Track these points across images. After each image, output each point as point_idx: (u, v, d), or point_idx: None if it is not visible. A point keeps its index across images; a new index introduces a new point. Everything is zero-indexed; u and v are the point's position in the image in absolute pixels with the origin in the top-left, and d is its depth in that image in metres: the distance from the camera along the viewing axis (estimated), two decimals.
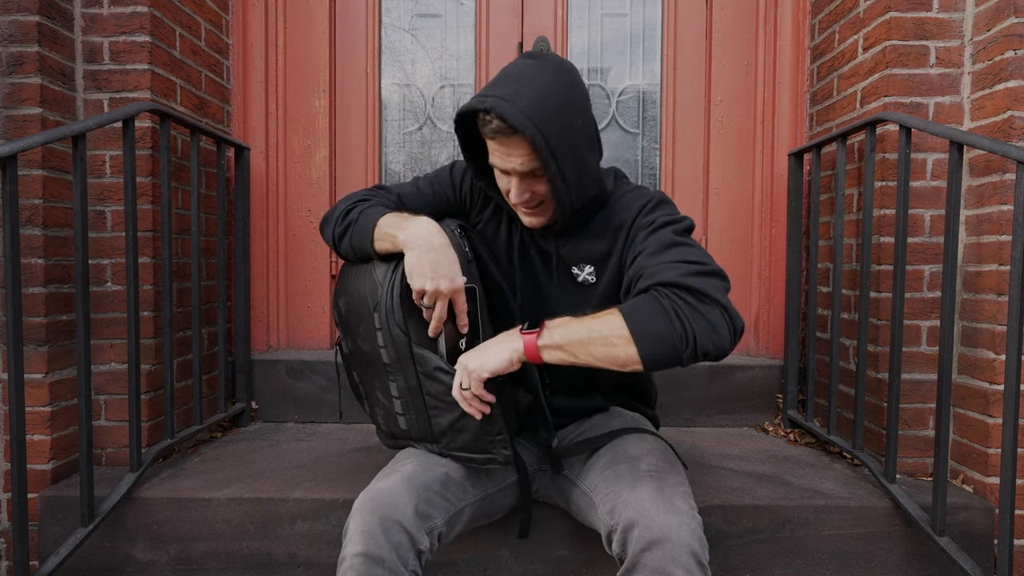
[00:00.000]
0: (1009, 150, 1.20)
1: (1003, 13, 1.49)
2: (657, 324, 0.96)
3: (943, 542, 1.33)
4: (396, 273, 1.11)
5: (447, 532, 1.13)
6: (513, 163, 1.06)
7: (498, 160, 1.09)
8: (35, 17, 1.49)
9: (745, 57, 2.13)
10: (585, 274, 1.21)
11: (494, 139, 1.06)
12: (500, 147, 1.06)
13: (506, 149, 1.05)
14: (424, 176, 1.34)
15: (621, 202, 1.20)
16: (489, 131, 1.05)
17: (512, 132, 1.02)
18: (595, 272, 1.20)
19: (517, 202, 1.12)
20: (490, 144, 1.09)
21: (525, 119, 1.00)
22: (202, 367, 1.77)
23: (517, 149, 1.05)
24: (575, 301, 1.21)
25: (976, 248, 1.55)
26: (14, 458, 1.19)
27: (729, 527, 1.41)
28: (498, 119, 1.01)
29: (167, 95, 1.72)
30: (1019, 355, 1.18)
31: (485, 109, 1.02)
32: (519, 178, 1.09)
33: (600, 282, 1.20)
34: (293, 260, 2.15)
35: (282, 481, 1.50)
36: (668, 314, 0.96)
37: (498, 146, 1.06)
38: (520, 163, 1.06)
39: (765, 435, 1.94)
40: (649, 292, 1.00)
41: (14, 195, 1.18)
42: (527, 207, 1.14)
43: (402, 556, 1.03)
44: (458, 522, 1.16)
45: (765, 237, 2.13)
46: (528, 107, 1.00)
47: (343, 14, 2.15)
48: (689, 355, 0.96)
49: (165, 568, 1.42)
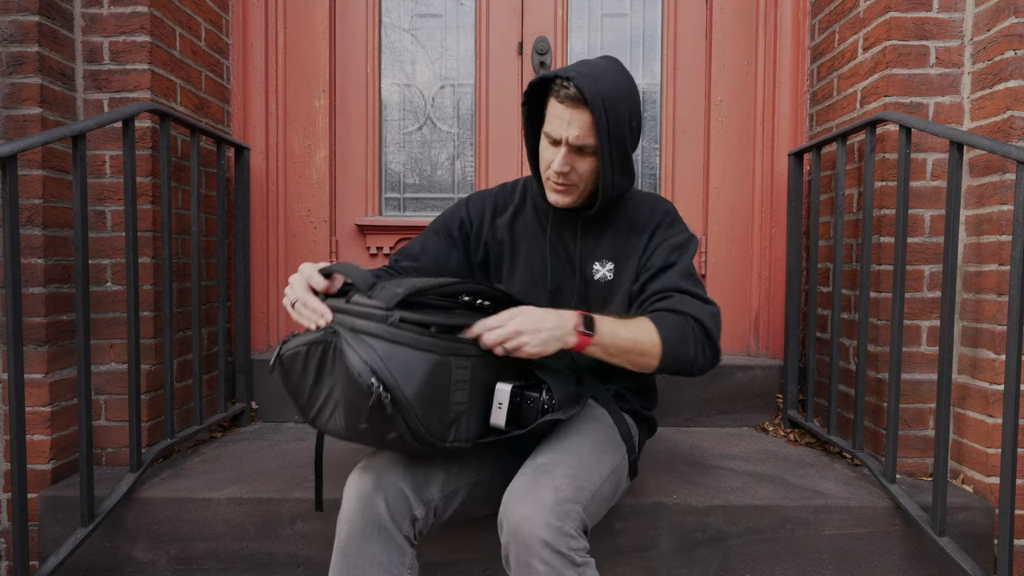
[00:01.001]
0: (1009, 150, 1.20)
1: (1003, 13, 1.49)
2: (686, 351, 1.15)
3: (943, 542, 1.33)
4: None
5: (443, 508, 1.14)
6: (571, 132, 1.16)
7: (556, 127, 1.17)
8: (35, 17, 1.49)
9: (745, 57, 2.13)
10: (605, 271, 1.29)
11: (563, 104, 1.15)
12: (564, 114, 1.15)
13: (569, 117, 1.15)
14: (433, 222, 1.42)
15: (640, 204, 1.32)
16: (563, 95, 1.14)
17: (583, 104, 1.13)
18: (615, 270, 1.29)
19: (557, 170, 1.19)
20: (555, 110, 1.17)
21: (598, 97, 1.12)
22: (202, 367, 1.77)
23: (579, 120, 1.15)
24: (593, 297, 1.30)
25: (976, 248, 1.55)
26: (14, 458, 1.19)
27: (729, 527, 1.41)
28: (575, 87, 1.12)
29: (167, 95, 1.72)
30: (1019, 355, 1.18)
31: (566, 76, 1.13)
32: (568, 149, 1.18)
33: (617, 281, 1.28)
34: (293, 260, 2.15)
35: (282, 481, 1.50)
36: (696, 345, 1.16)
37: (563, 112, 1.16)
38: (576, 135, 1.16)
39: (765, 435, 1.94)
40: (683, 318, 1.16)
41: (14, 195, 1.18)
42: (559, 182, 1.21)
43: (396, 516, 1.06)
44: (454, 499, 1.16)
45: (765, 237, 2.13)
46: (603, 90, 1.13)
47: (343, 14, 2.15)
48: (686, 374, 1.18)
49: (165, 568, 1.42)
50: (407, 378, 0.97)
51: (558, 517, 0.98)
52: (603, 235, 1.30)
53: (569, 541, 0.97)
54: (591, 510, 1.06)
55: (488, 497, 1.20)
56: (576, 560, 0.97)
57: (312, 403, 1.03)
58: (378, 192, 2.17)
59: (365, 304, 0.99)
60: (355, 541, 1.05)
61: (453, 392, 1.03)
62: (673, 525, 1.41)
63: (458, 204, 1.41)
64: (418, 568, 1.11)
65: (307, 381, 1.02)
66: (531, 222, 1.35)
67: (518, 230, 1.36)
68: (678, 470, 1.61)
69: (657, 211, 1.30)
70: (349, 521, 1.06)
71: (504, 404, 1.07)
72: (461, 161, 2.20)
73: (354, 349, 0.96)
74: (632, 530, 1.41)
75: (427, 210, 2.19)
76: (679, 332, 1.14)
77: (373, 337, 0.97)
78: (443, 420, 1.03)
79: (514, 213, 1.37)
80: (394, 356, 0.97)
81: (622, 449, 1.23)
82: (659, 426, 1.97)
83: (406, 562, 1.07)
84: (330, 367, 1.00)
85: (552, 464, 1.08)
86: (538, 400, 1.09)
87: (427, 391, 0.99)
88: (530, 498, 1.00)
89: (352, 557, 1.05)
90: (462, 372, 1.03)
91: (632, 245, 1.28)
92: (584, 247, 1.30)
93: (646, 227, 1.29)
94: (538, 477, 1.04)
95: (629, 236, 1.29)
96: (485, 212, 1.38)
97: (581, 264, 1.30)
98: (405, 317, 0.98)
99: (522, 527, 0.97)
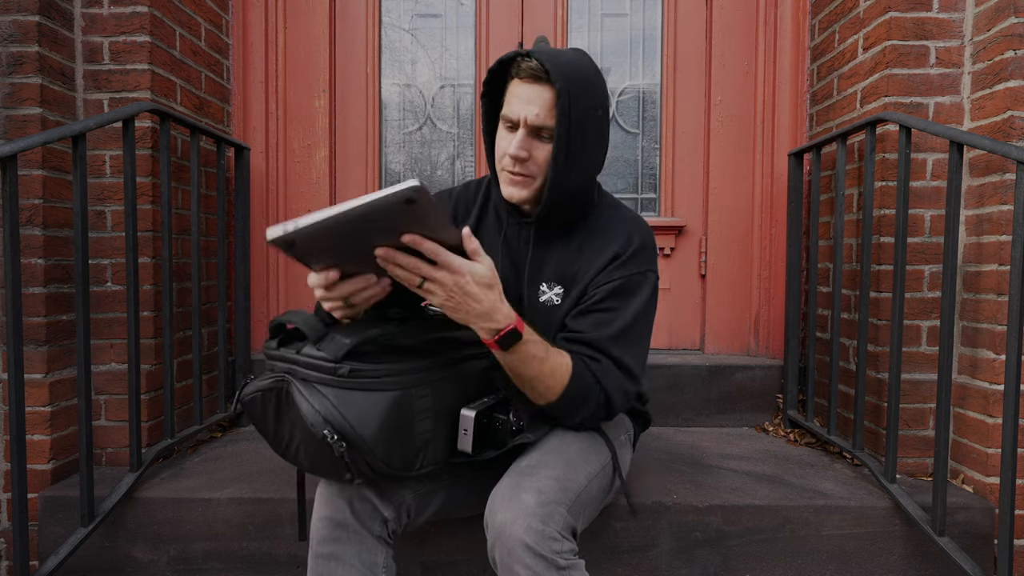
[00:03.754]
0: (1009, 150, 1.20)
1: (1003, 13, 1.49)
2: (574, 412, 1.11)
3: (943, 542, 1.33)
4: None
5: (418, 509, 1.13)
6: (530, 111, 1.07)
7: (513, 107, 1.09)
8: (35, 17, 1.49)
9: (745, 57, 2.13)
10: (552, 294, 1.19)
11: (523, 81, 1.08)
12: (524, 92, 1.08)
13: (528, 95, 1.07)
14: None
15: (611, 223, 1.19)
16: (524, 69, 1.07)
17: (544, 80, 1.06)
18: (562, 295, 1.18)
19: (513, 153, 1.09)
20: (514, 90, 1.10)
21: (560, 73, 1.04)
22: (202, 367, 1.76)
23: (539, 98, 1.07)
24: (539, 322, 1.15)
25: (976, 248, 1.55)
26: (14, 458, 1.19)
27: (729, 527, 1.41)
28: (537, 61, 1.05)
29: (167, 95, 1.72)
30: (1019, 355, 1.18)
31: (527, 53, 1.07)
32: (526, 131, 1.09)
33: (562, 306, 1.18)
34: (293, 260, 2.15)
35: (282, 481, 1.50)
36: (585, 413, 1.10)
37: (523, 90, 1.08)
38: (536, 113, 1.07)
39: (765, 435, 1.94)
40: (598, 388, 1.09)
41: (14, 195, 1.18)
42: (514, 171, 1.11)
43: (364, 519, 1.07)
44: (432, 500, 1.15)
45: (765, 237, 2.13)
46: (565, 67, 1.05)
47: (343, 14, 2.15)
48: (553, 415, 1.13)
49: (165, 568, 1.42)
50: (364, 422, 0.93)
51: (540, 520, 0.96)
52: (553, 249, 1.19)
53: (552, 544, 0.95)
54: (577, 511, 1.04)
55: (472, 499, 1.18)
56: (560, 563, 0.95)
57: (279, 441, 1.02)
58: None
59: (314, 356, 0.95)
60: (326, 545, 1.06)
61: (417, 423, 1.00)
62: (673, 525, 1.41)
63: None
64: (395, 568, 1.11)
65: (269, 423, 1.01)
66: (492, 226, 1.25)
67: (480, 236, 1.19)
68: (678, 470, 1.61)
69: (627, 238, 1.16)
70: (318, 529, 1.07)
71: (469, 430, 1.05)
72: (461, 161, 2.20)
73: (306, 398, 0.93)
74: (632, 530, 1.41)
75: None
76: (582, 398, 1.08)
77: (325, 385, 0.94)
78: (407, 452, 1.00)
79: (478, 218, 1.27)
80: (347, 401, 0.94)
81: (612, 447, 1.21)
82: (659, 426, 1.98)
83: (379, 561, 1.07)
84: (286, 410, 0.98)
85: (536, 466, 1.07)
86: (506, 422, 1.08)
87: (387, 430, 0.96)
88: (512, 501, 0.99)
89: (324, 560, 1.05)
90: (424, 401, 1.01)
91: (582, 267, 1.16)
92: (532, 262, 1.19)
93: (603, 250, 1.15)
94: (521, 480, 1.03)
95: (581, 252, 1.17)
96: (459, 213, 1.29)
97: (529, 282, 1.19)
98: (355, 369, 0.94)
99: (504, 530, 0.96)
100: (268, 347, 1.02)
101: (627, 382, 1.12)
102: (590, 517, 1.13)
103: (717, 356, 2.13)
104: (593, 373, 1.09)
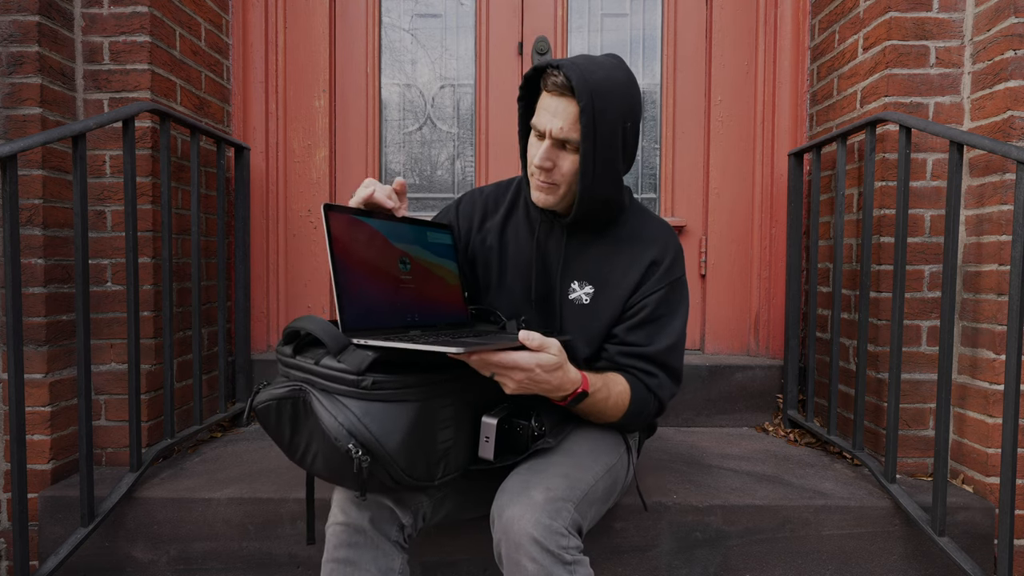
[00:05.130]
0: (1009, 150, 1.20)
1: (1003, 13, 1.49)
2: (633, 424, 1.21)
3: (943, 542, 1.33)
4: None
5: (432, 512, 1.14)
6: (554, 124, 1.09)
7: (541, 118, 1.12)
8: (35, 17, 1.49)
9: (745, 57, 2.13)
10: (582, 292, 1.21)
11: (551, 93, 1.10)
12: (551, 104, 1.10)
13: (555, 108, 1.10)
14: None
15: (644, 224, 1.24)
16: (551, 83, 1.09)
17: (569, 94, 1.07)
18: (593, 295, 1.20)
19: (538, 164, 1.13)
20: (543, 102, 1.12)
21: (586, 89, 1.05)
22: (202, 367, 1.76)
23: (564, 111, 1.09)
24: (569, 321, 1.22)
25: (976, 248, 1.55)
26: (14, 458, 1.19)
27: (729, 527, 1.41)
28: (564, 77, 1.06)
29: (167, 95, 1.72)
30: (1019, 355, 1.18)
31: (557, 65, 1.08)
32: (551, 143, 1.12)
33: (594, 308, 1.20)
34: (293, 260, 2.15)
35: (282, 481, 1.50)
36: (643, 420, 1.20)
37: (550, 102, 1.10)
38: (560, 127, 1.09)
39: (765, 435, 1.94)
40: (654, 400, 1.19)
41: (14, 195, 1.18)
42: (541, 179, 1.15)
43: (382, 526, 1.06)
44: (445, 502, 1.16)
45: (765, 237, 2.13)
46: (594, 83, 1.06)
47: (343, 14, 2.15)
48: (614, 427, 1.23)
49: (165, 568, 1.42)
50: (387, 434, 0.93)
51: (548, 515, 0.97)
52: (587, 250, 1.21)
53: (559, 539, 0.96)
54: (584, 509, 1.05)
55: (482, 498, 1.18)
56: (566, 558, 0.95)
57: (294, 449, 1.01)
58: None
59: (334, 368, 0.94)
60: (342, 550, 1.05)
61: (439, 432, 1.01)
62: (673, 525, 1.41)
63: (450, 205, 1.37)
64: (409, 572, 1.11)
65: (284, 431, 1.00)
66: (522, 224, 1.27)
67: (508, 234, 1.28)
68: (678, 470, 1.61)
69: (663, 245, 1.21)
70: (335, 533, 1.06)
71: (491, 437, 1.05)
72: (461, 161, 2.20)
73: (328, 410, 0.92)
74: (632, 530, 1.41)
75: (427, 210, 2.19)
76: (639, 412, 1.17)
77: (348, 397, 0.93)
78: (430, 461, 1.00)
79: (506, 215, 1.30)
80: (371, 412, 0.93)
81: (620, 448, 1.23)
82: (659, 426, 1.98)
83: (396, 567, 1.07)
84: (304, 419, 0.97)
85: (546, 464, 1.08)
86: (528, 427, 1.08)
87: (411, 441, 0.95)
88: (521, 497, 1.00)
89: (340, 565, 1.05)
90: (446, 411, 1.01)
91: (619, 269, 1.19)
92: (565, 260, 1.22)
93: (639, 257, 1.19)
94: (530, 477, 1.04)
95: (617, 256, 1.20)
96: (474, 216, 1.32)
97: (560, 280, 1.22)
98: (377, 381, 0.93)
99: (512, 525, 0.97)
100: (282, 353, 1.01)
101: (675, 387, 1.22)
102: (595, 517, 1.14)
103: (717, 356, 2.13)
104: (649, 388, 1.18)
